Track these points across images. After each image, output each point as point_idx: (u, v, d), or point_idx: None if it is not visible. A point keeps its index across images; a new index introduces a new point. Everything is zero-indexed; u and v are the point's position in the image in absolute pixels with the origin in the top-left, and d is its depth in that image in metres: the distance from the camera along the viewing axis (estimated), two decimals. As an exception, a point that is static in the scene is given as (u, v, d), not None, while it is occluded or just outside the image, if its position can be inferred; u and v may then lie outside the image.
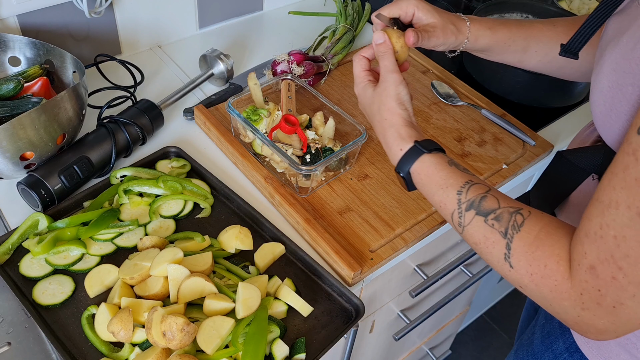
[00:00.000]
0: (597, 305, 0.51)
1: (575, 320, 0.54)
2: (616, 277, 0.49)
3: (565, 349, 0.79)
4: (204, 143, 1.01)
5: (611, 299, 0.50)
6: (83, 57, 1.10)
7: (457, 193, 0.63)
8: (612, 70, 0.56)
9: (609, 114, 0.58)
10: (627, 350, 0.68)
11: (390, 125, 0.71)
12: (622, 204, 0.47)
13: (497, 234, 0.58)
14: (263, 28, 1.31)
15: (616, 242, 0.48)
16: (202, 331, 0.69)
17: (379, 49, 0.74)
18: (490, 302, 1.96)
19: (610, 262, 0.49)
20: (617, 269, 0.49)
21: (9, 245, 0.80)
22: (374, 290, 0.97)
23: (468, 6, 1.50)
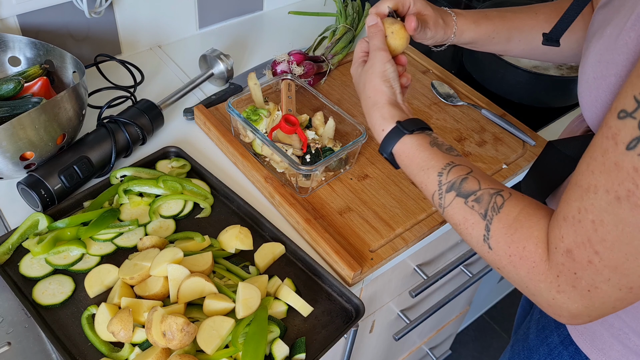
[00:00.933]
0: (572, 288, 0.52)
1: (549, 303, 0.54)
2: (592, 261, 0.49)
3: (560, 342, 0.80)
4: (204, 143, 1.01)
5: (586, 282, 0.50)
6: (83, 57, 1.10)
7: (437, 175, 0.63)
8: (597, 61, 0.57)
9: (594, 104, 0.58)
10: (620, 341, 0.69)
11: (374, 103, 0.71)
12: (600, 188, 0.48)
13: (477, 216, 0.59)
14: (263, 28, 1.31)
15: (594, 227, 0.49)
16: (202, 331, 0.69)
17: (370, 30, 0.74)
18: (490, 302, 1.96)
19: (587, 246, 0.49)
20: (593, 253, 0.49)
21: (9, 245, 0.80)
22: (374, 290, 0.97)
23: (468, 6, 1.50)
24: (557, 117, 1.17)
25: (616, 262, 0.48)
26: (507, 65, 1.15)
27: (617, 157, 0.46)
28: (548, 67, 1.20)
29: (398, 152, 0.68)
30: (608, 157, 0.47)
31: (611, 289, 0.50)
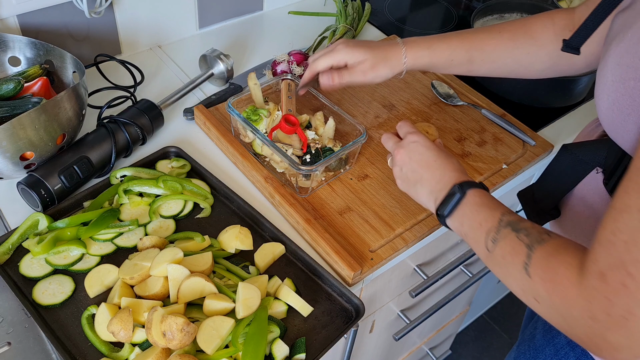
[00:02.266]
0: (606, 315, 0.49)
1: (587, 334, 0.51)
2: (626, 284, 0.47)
3: (567, 343, 0.79)
4: (204, 143, 1.01)
5: (621, 308, 0.48)
6: (83, 57, 1.10)
7: (501, 214, 0.64)
8: (617, 64, 0.57)
9: (611, 108, 0.58)
10: None
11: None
12: (634, 207, 0.47)
13: (524, 246, 0.59)
14: (263, 28, 1.31)
15: (627, 247, 0.47)
16: (202, 331, 0.69)
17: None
18: (490, 302, 1.96)
19: (620, 268, 0.47)
20: (627, 275, 0.47)
21: (9, 245, 0.80)
22: (374, 290, 0.97)
23: (468, 6, 1.50)
24: (557, 117, 1.17)
25: None
26: (507, 65, 1.15)
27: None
28: (548, 67, 1.20)
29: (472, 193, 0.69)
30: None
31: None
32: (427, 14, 1.47)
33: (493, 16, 1.32)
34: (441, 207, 0.71)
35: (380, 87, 1.13)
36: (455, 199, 0.69)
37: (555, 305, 0.54)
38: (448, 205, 0.70)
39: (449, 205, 0.70)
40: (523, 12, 1.32)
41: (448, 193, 0.71)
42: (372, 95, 1.12)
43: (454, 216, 0.70)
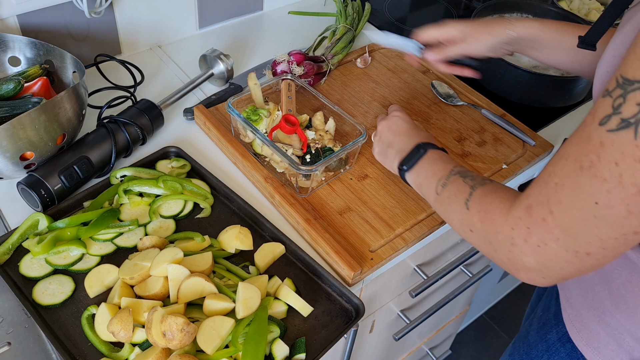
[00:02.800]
0: (524, 242, 0.55)
1: (508, 257, 0.58)
2: (546, 219, 0.53)
3: (558, 339, 0.81)
4: (204, 143, 1.01)
5: (537, 238, 0.54)
6: (83, 57, 1.10)
7: (453, 166, 0.73)
8: (612, 56, 0.58)
9: None
10: (615, 341, 0.70)
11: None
12: (571, 156, 0.51)
13: (467, 187, 0.67)
14: (263, 28, 1.31)
15: (555, 189, 0.52)
16: (202, 331, 0.69)
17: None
18: (490, 302, 1.96)
19: (545, 205, 0.53)
20: (548, 212, 0.52)
21: (9, 245, 0.80)
22: (374, 290, 0.97)
23: (468, 6, 1.51)
24: (557, 117, 1.17)
25: (567, 224, 0.51)
26: (507, 66, 1.15)
27: (590, 130, 0.49)
28: (548, 67, 1.20)
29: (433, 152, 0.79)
30: (584, 130, 0.50)
31: (559, 248, 0.53)
32: (427, 14, 1.47)
33: (493, 16, 1.32)
34: (403, 161, 0.81)
35: (381, 87, 1.13)
36: (417, 155, 0.79)
37: (485, 232, 0.61)
38: (410, 160, 0.79)
39: (411, 160, 0.79)
40: (523, 12, 1.32)
41: (411, 150, 0.80)
42: (372, 95, 1.12)
43: (413, 170, 0.79)
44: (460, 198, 0.67)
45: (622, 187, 0.47)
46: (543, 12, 1.31)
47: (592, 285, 0.71)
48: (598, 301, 0.71)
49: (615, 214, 0.48)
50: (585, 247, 0.51)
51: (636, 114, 0.45)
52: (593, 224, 0.50)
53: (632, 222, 0.48)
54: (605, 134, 0.47)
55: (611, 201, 0.48)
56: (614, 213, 0.48)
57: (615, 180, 0.47)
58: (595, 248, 0.51)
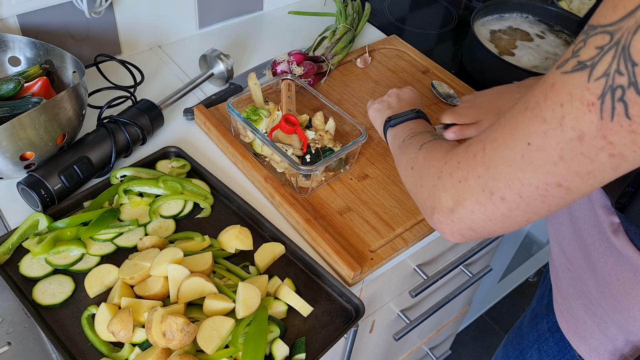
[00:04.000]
0: (449, 175, 0.55)
1: (429, 192, 0.58)
2: (476, 155, 0.52)
3: (548, 329, 0.82)
4: (204, 143, 1.01)
5: (462, 173, 0.53)
6: (83, 57, 1.10)
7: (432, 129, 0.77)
8: None
9: None
10: (600, 330, 0.71)
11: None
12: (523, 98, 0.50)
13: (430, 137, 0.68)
14: (263, 28, 1.31)
15: (495, 127, 0.51)
16: (202, 331, 0.69)
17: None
18: (490, 302, 1.96)
19: (481, 142, 0.52)
20: (481, 149, 0.52)
21: (9, 245, 0.80)
22: (374, 290, 0.97)
23: (468, 6, 1.51)
24: (557, 117, 1.16)
25: (493, 162, 0.50)
26: (507, 65, 1.15)
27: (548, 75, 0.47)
28: (548, 67, 1.20)
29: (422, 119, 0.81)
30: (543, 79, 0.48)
31: (477, 186, 0.52)
32: (427, 14, 1.47)
33: (493, 16, 1.32)
34: (393, 116, 0.82)
35: (380, 87, 1.13)
36: (408, 116, 0.81)
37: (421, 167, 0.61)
38: (400, 117, 0.81)
39: (400, 117, 0.81)
40: (523, 12, 1.33)
41: (405, 111, 0.82)
42: (372, 95, 1.12)
43: (398, 126, 0.80)
44: (419, 143, 0.68)
45: (561, 129, 0.45)
46: (543, 12, 1.31)
47: (580, 273, 0.72)
48: (586, 290, 0.71)
49: (544, 157, 0.47)
50: (502, 190, 0.50)
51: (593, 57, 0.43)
52: (518, 166, 0.48)
53: (560, 170, 0.46)
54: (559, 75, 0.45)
55: (545, 143, 0.46)
56: (544, 156, 0.47)
57: (555, 122, 0.45)
58: (511, 193, 0.50)
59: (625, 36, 0.41)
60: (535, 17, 1.32)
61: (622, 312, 0.66)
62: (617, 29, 0.41)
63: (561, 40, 1.27)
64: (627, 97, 0.41)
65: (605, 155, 0.44)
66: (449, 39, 1.38)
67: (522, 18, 1.33)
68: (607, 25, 0.42)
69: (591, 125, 0.43)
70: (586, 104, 0.43)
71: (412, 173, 0.63)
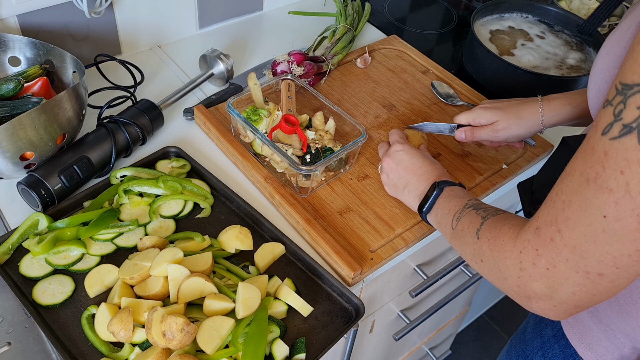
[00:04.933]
0: (532, 265, 0.53)
1: (517, 284, 0.56)
2: (554, 239, 0.51)
3: (553, 335, 0.82)
4: (204, 143, 1.01)
5: (546, 260, 0.52)
6: (83, 57, 1.10)
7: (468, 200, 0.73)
8: (606, 53, 0.58)
9: (597, 95, 0.59)
10: (607, 337, 0.71)
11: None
12: (577, 170, 0.49)
13: (479, 218, 0.66)
14: (263, 28, 1.31)
15: (563, 207, 0.50)
16: (202, 331, 0.69)
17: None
18: (490, 302, 1.96)
19: (552, 224, 0.51)
20: (556, 231, 0.50)
21: (9, 245, 0.80)
22: (374, 290, 0.97)
23: (468, 6, 1.51)
24: (557, 117, 1.16)
25: (575, 242, 0.49)
26: (507, 65, 1.15)
27: (594, 142, 0.47)
28: (548, 67, 1.20)
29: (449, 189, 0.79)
30: (589, 143, 0.48)
31: (569, 270, 0.50)
32: (427, 14, 1.47)
33: (493, 16, 1.32)
34: (422, 203, 0.80)
35: (380, 87, 1.13)
36: (434, 195, 0.78)
37: (494, 259, 0.59)
38: (428, 201, 0.79)
39: (428, 201, 0.79)
40: (523, 12, 1.32)
41: (428, 190, 0.80)
42: (372, 95, 1.12)
43: (432, 211, 0.79)
44: (472, 229, 0.65)
45: (629, 196, 0.44)
46: (543, 12, 1.31)
47: None
48: None
49: (625, 227, 0.46)
50: (597, 266, 0.49)
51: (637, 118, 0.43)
52: (603, 240, 0.47)
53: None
54: (609, 142, 0.45)
55: (620, 213, 0.45)
56: (624, 226, 0.46)
57: (622, 190, 0.45)
58: (607, 267, 0.48)
59: None
60: (535, 17, 1.32)
61: (630, 321, 0.66)
62: None
63: (561, 41, 1.27)
64: None
65: None
66: (449, 39, 1.38)
67: (522, 18, 1.33)
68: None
69: None
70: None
71: (486, 266, 0.61)
